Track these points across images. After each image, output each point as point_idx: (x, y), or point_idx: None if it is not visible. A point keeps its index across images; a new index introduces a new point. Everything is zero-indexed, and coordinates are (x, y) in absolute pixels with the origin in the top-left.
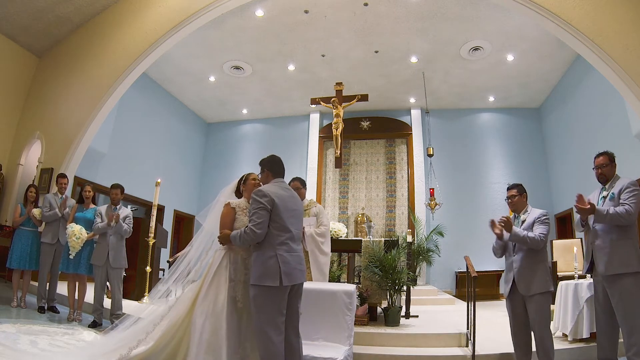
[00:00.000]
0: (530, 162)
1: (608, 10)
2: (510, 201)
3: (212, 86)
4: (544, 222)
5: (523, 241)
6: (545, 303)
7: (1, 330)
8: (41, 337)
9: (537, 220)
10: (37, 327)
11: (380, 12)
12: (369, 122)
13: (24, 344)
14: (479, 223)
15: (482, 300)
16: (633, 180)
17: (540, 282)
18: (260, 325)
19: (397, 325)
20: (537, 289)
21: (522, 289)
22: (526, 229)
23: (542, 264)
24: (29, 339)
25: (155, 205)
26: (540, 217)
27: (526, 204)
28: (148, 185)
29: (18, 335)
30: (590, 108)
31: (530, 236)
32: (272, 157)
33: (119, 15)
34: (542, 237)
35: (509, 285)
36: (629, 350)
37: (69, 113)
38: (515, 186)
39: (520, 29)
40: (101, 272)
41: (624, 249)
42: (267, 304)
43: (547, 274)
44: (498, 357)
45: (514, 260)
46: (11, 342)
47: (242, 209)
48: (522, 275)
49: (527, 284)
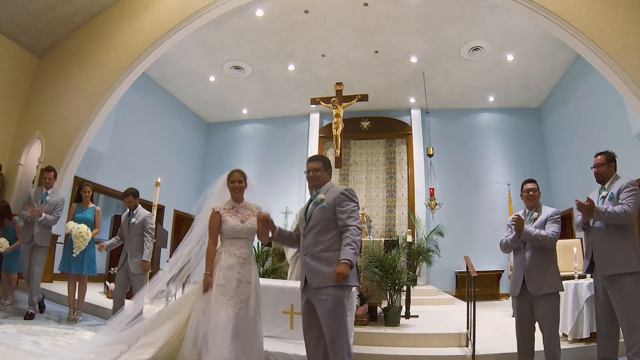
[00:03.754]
0: (530, 162)
1: (608, 10)
2: (532, 194)
3: (212, 86)
4: (556, 220)
5: (535, 240)
6: (555, 303)
7: (2, 330)
8: (43, 338)
9: (550, 218)
10: (38, 327)
11: (380, 12)
12: (369, 122)
13: (27, 344)
14: (479, 223)
15: (482, 300)
16: (632, 180)
17: (551, 282)
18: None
19: (397, 325)
20: (547, 289)
21: (532, 289)
22: (537, 227)
23: (552, 263)
24: (31, 340)
25: (155, 205)
26: (553, 215)
27: (539, 202)
28: (148, 185)
29: (20, 335)
30: (590, 108)
31: (543, 234)
32: (327, 158)
33: (119, 15)
34: (555, 235)
35: (519, 283)
36: (630, 350)
37: (69, 113)
38: (534, 180)
39: (520, 29)
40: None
41: (625, 248)
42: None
43: (557, 274)
44: (498, 357)
45: (524, 258)
46: (14, 342)
47: (227, 210)
48: (532, 275)
49: (537, 283)
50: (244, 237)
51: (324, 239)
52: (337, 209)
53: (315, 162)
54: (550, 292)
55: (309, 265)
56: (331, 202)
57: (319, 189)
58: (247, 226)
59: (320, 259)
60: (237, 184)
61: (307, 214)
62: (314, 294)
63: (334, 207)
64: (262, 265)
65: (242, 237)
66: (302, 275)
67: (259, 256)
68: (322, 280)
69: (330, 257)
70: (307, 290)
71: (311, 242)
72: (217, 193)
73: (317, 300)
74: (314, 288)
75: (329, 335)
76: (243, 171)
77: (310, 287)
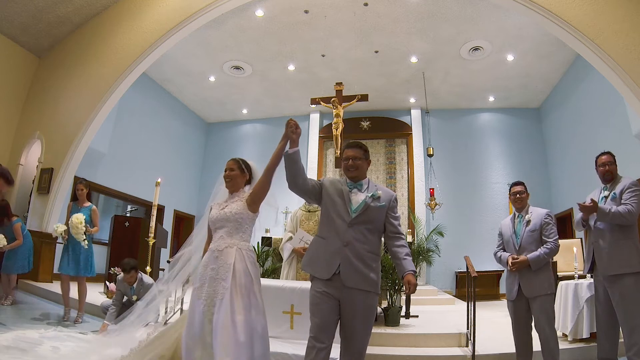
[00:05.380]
0: (530, 162)
1: (608, 10)
2: (519, 197)
3: (212, 86)
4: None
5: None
6: (549, 304)
7: (26, 336)
8: (66, 344)
9: (545, 223)
10: (62, 334)
11: (380, 12)
12: (369, 122)
13: (46, 350)
14: (479, 223)
15: (482, 300)
16: (634, 180)
17: (543, 284)
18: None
19: (397, 325)
20: (540, 291)
21: (527, 292)
22: (532, 230)
23: (545, 265)
24: (52, 345)
25: (155, 205)
26: (548, 218)
27: (528, 203)
28: (148, 185)
29: (42, 340)
30: (590, 108)
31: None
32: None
33: (119, 15)
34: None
35: (515, 287)
36: (630, 350)
37: (69, 113)
38: (522, 182)
39: (520, 29)
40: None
41: (625, 249)
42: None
43: (550, 276)
44: (498, 357)
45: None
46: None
47: (219, 204)
48: (526, 278)
49: (531, 286)
50: (222, 225)
51: (373, 239)
52: (389, 212)
53: (356, 149)
54: (543, 294)
55: (352, 263)
56: (387, 203)
57: (360, 181)
58: (225, 213)
59: (365, 262)
60: (228, 172)
61: (359, 205)
62: (345, 293)
63: (386, 209)
64: (262, 265)
65: (220, 227)
66: (332, 264)
67: (259, 256)
68: (359, 282)
69: (373, 262)
70: (333, 283)
71: (359, 237)
72: (219, 190)
73: (348, 301)
74: (345, 286)
75: (359, 340)
76: (241, 159)
77: (339, 283)
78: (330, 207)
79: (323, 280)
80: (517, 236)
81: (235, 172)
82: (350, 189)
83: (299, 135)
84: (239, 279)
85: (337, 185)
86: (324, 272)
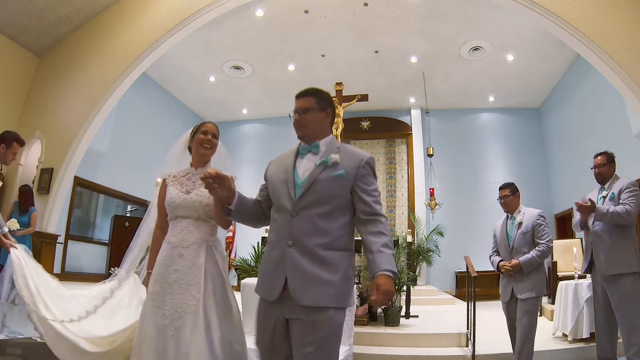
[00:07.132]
0: (530, 162)
1: (608, 10)
2: (503, 201)
3: (212, 86)
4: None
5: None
6: (535, 306)
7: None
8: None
9: (537, 225)
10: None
11: (380, 12)
12: (369, 122)
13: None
14: (479, 223)
15: (482, 300)
16: (633, 180)
17: (534, 286)
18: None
19: (397, 325)
20: (530, 294)
21: (516, 292)
22: (524, 232)
23: (538, 267)
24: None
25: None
26: (541, 220)
27: (519, 203)
28: (148, 185)
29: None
30: (590, 108)
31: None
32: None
33: (119, 15)
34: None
35: (509, 289)
36: (629, 350)
37: (69, 113)
38: (508, 185)
39: (520, 29)
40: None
41: (624, 249)
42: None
43: (542, 279)
44: (498, 357)
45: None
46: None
47: (177, 178)
48: (518, 280)
49: (522, 288)
50: (187, 215)
51: (329, 227)
52: (358, 184)
53: (305, 97)
54: (531, 297)
55: (298, 265)
56: (351, 171)
57: (316, 142)
58: (192, 198)
59: (320, 260)
60: (211, 137)
61: (301, 179)
62: (300, 313)
63: (353, 180)
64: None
65: (184, 216)
66: (277, 278)
67: (258, 256)
68: (320, 296)
69: (334, 259)
70: (282, 305)
71: (306, 227)
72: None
73: (302, 324)
74: (300, 305)
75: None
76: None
77: (291, 302)
78: (273, 197)
79: (270, 302)
80: (509, 238)
81: (217, 140)
82: (301, 156)
83: (228, 185)
84: (213, 285)
85: (284, 160)
86: (267, 291)
